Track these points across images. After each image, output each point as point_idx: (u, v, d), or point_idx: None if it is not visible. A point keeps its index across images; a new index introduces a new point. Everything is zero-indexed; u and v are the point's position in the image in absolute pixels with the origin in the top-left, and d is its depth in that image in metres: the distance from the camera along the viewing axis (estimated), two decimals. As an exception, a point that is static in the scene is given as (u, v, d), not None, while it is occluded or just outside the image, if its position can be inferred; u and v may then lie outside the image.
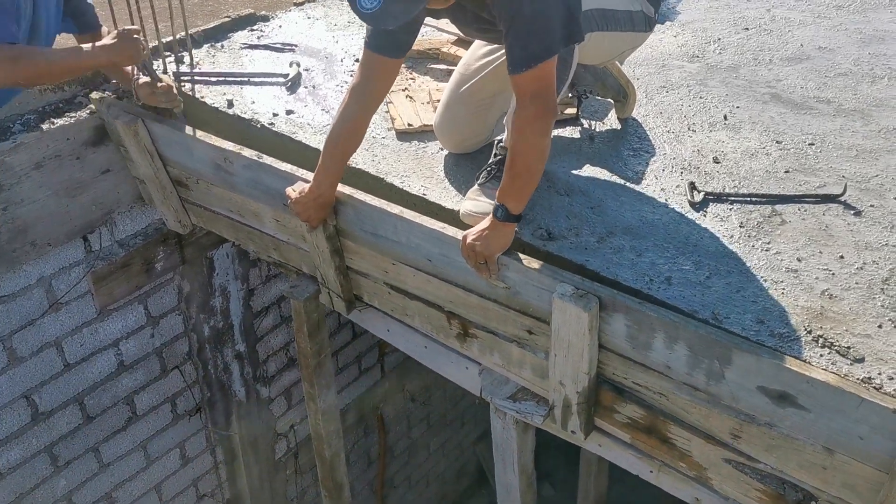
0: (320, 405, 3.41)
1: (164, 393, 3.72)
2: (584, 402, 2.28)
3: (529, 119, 2.07)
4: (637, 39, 2.53)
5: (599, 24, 2.33)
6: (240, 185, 2.81)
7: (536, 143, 2.10)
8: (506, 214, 2.13)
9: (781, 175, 2.58)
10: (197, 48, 3.37)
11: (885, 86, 3.09)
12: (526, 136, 2.09)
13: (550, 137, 2.13)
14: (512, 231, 2.19)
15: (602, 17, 2.34)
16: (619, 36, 2.44)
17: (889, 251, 2.24)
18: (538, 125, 2.07)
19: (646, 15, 2.47)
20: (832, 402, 1.81)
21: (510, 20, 2.01)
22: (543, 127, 2.08)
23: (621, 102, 2.84)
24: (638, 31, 2.48)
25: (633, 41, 2.52)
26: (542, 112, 2.06)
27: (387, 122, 2.89)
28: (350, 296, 2.84)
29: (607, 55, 2.54)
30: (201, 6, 5.91)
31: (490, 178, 2.41)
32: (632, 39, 2.50)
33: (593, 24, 2.31)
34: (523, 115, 2.07)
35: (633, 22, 2.44)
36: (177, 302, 3.58)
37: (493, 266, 2.20)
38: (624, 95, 2.81)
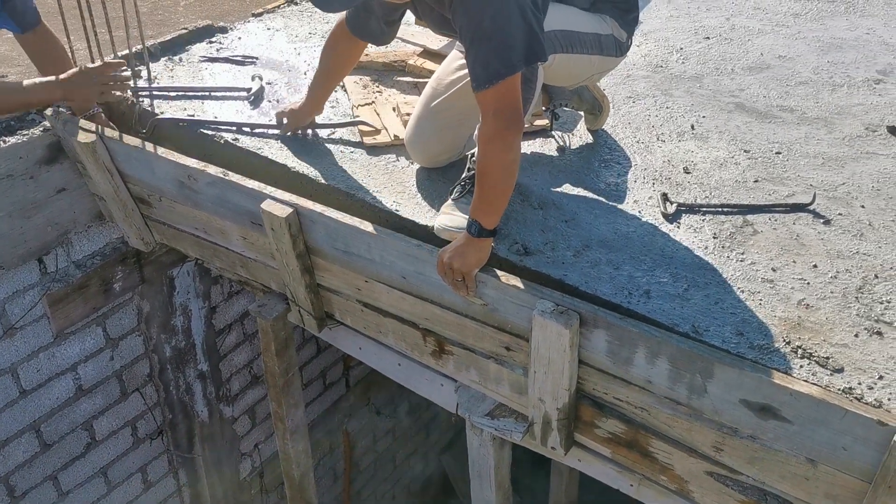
0: (289, 425, 3.34)
1: (124, 417, 3.60)
2: (565, 418, 2.26)
3: (493, 135, 2.04)
4: (606, 63, 2.50)
5: (563, 45, 2.31)
6: (205, 202, 2.73)
7: (501, 158, 2.07)
8: (479, 230, 2.11)
9: (751, 184, 2.60)
10: (154, 61, 3.28)
11: (845, 94, 3.14)
12: (491, 152, 2.06)
13: (518, 152, 2.10)
14: (488, 246, 2.17)
15: (566, 39, 2.32)
16: (586, 59, 2.41)
17: (860, 259, 2.26)
18: (502, 141, 2.04)
19: (616, 39, 2.44)
20: (815, 414, 1.82)
21: (471, 37, 1.98)
22: (508, 143, 2.05)
23: (594, 115, 2.83)
24: (607, 55, 2.45)
25: (602, 65, 2.50)
26: (505, 128, 2.03)
27: (355, 136, 2.84)
28: (321, 313, 2.78)
29: (575, 78, 2.52)
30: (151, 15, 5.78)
31: (464, 193, 2.38)
32: (601, 63, 2.48)
33: (556, 46, 2.28)
34: (487, 132, 2.05)
35: (601, 46, 2.42)
36: (136, 322, 3.48)
37: (471, 283, 2.17)
38: (599, 109, 2.81)
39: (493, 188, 2.10)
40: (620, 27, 2.44)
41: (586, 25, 2.38)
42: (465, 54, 2.04)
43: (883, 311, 2.09)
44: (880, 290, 2.16)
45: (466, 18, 1.99)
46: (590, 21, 2.39)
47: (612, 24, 2.43)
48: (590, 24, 2.39)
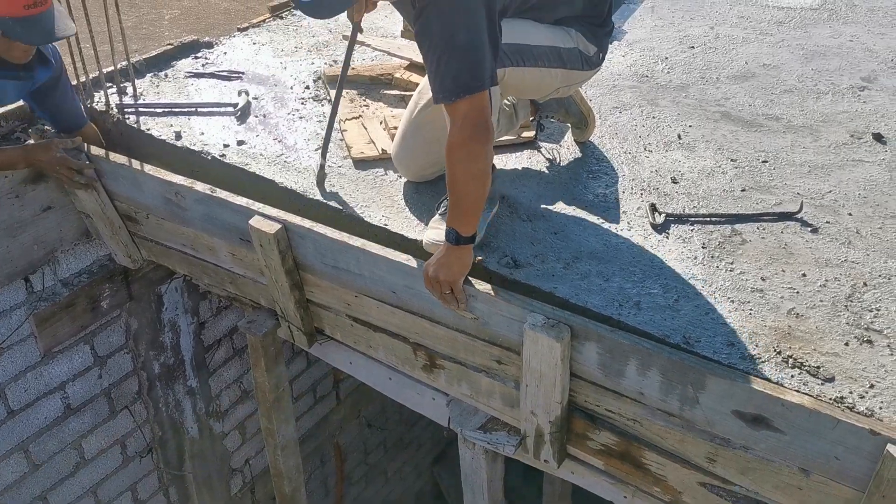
0: (279, 440, 3.32)
1: (113, 435, 3.57)
2: (557, 431, 2.26)
3: (460, 145, 2.03)
4: (573, 77, 2.47)
5: (513, 59, 2.29)
6: (193, 219, 2.72)
7: (469, 168, 2.05)
8: (457, 237, 2.10)
9: (738, 194, 2.61)
10: (139, 78, 3.26)
11: (830, 101, 3.16)
12: (458, 161, 2.04)
13: (487, 161, 2.08)
14: (469, 253, 2.15)
15: (517, 53, 2.30)
16: (546, 72, 2.39)
17: (849, 267, 2.27)
18: (468, 151, 2.03)
19: (582, 53, 2.42)
20: (807, 424, 1.82)
21: (441, 47, 1.96)
22: (475, 152, 2.03)
23: (580, 129, 2.84)
24: (571, 68, 2.42)
25: (567, 78, 2.47)
26: (472, 138, 2.01)
27: (342, 150, 2.83)
28: (311, 329, 2.77)
29: (538, 91, 2.49)
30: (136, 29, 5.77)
31: None
32: (565, 76, 2.45)
33: (506, 60, 2.26)
34: (454, 142, 2.03)
35: (561, 59, 2.39)
36: (125, 340, 3.45)
37: (459, 294, 2.16)
38: (585, 123, 2.81)
39: (466, 197, 2.09)
40: (588, 41, 2.42)
41: (543, 39, 2.35)
42: (427, 62, 2.01)
43: (872, 319, 2.10)
44: (869, 297, 2.17)
45: (438, 27, 1.96)
46: (549, 34, 2.37)
47: (577, 38, 2.40)
48: (548, 38, 2.36)
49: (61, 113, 2.80)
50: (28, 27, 2.31)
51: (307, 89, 3.24)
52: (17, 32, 2.32)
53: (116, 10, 2.91)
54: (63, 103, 2.78)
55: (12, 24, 2.29)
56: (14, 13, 2.28)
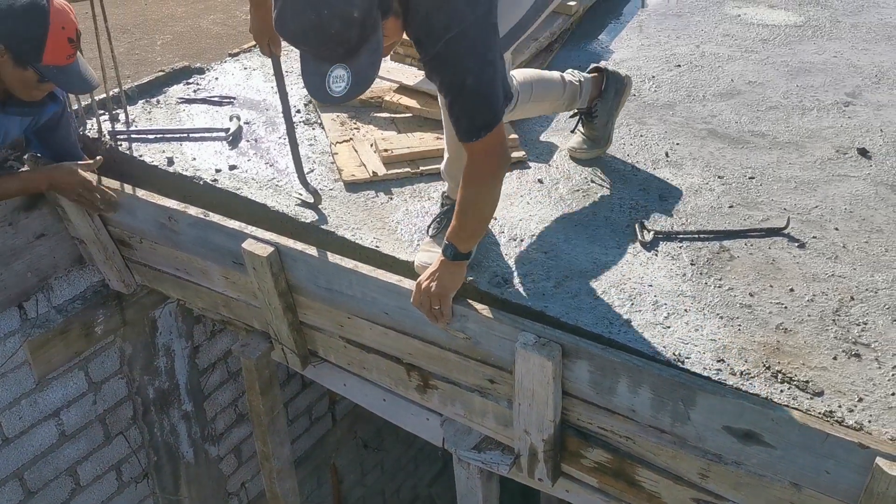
0: (275, 464, 3.32)
1: (108, 461, 3.57)
2: (551, 450, 2.27)
3: (483, 175, 2.07)
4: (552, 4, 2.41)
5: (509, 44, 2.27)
6: (186, 243, 2.73)
7: (490, 193, 2.11)
8: (455, 253, 2.13)
9: (726, 210, 2.63)
10: (131, 104, 3.29)
11: (815, 117, 3.20)
12: (480, 189, 2.09)
13: (501, 185, 2.14)
14: (463, 269, 2.19)
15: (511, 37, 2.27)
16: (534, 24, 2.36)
17: (836, 282, 2.30)
18: (492, 178, 2.09)
19: None
20: (797, 439, 1.84)
21: (454, 93, 1.98)
22: (497, 178, 2.11)
23: (594, 148, 2.87)
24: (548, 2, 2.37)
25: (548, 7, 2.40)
26: (498, 167, 2.08)
27: (333, 173, 2.86)
28: (304, 351, 2.78)
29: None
30: (128, 55, 5.80)
31: (441, 230, 2.41)
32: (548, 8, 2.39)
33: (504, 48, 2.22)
34: (481, 173, 2.07)
35: (538, 7, 2.31)
36: (119, 365, 3.45)
37: (447, 309, 2.17)
38: (602, 144, 2.87)
39: (475, 219, 2.13)
40: None
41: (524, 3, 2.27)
42: (448, 107, 2.02)
43: (860, 332, 2.12)
44: (857, 311, 2.19)
45: (449, 76, 1.97)
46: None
47: None
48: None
49: (61, 150, 2.81)
50: (69, 76, 2.46)
51: (298, 113, 3.26)
52: (61, 81, 2.46)
53: (108, 39, 2.94)
54: (66, 139, 2.80)
55: (56, 72, 2.42)
56: (58, 62, 2.41)
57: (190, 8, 6.60)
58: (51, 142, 2.77)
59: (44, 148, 2.79)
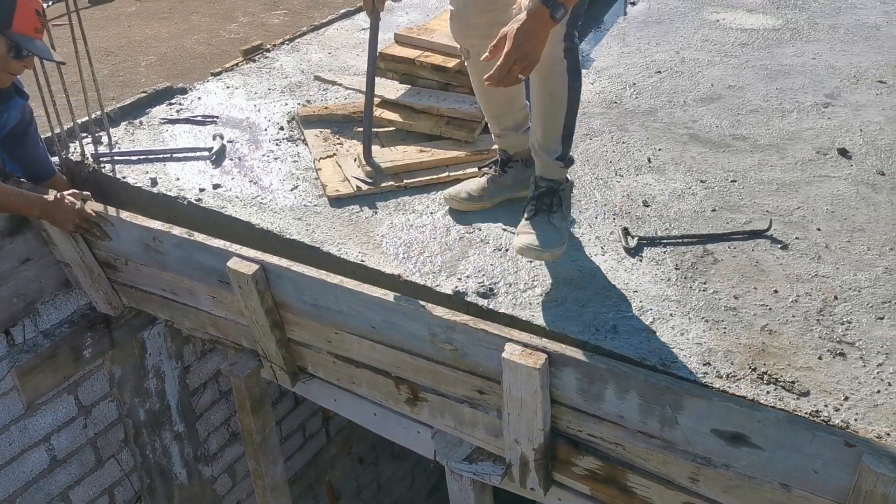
0: (268, 482, 3.31)
1: (100, 484, 3.54)
2: (542, 458, 2.26)
3: None
4: None
5: None
6: (171, 263, 2.73)
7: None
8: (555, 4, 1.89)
9: (709, 214, 2.65)
10: (114, 126, 3.29)
11: (795, 119, 3.22)
12: None
13: None
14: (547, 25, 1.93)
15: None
16: None
17: (819, 282, 2.31)
18: None
19: None
20: (785, 439, 1.84)
21: None
22: None
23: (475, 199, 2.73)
24: None
25: None
26: None
27: (317, 188, 2.86)
28: (293, 368, 2.78)
29: None
30: (112, 77, 5.80)
31: (537, 211, 2.38)
32: None
33: None
34: None
35: None
36: (109, 388, 3.44)
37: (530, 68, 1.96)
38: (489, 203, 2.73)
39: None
40: None
41: None
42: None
43: (844, 331, 2.13)
44: (840, 311, 2.20)
45: None
46: None
47: None
48: None
49: (32, 162, 2.82)
50: (38, 49, 2.55)
51: (281, 130, 3.27)
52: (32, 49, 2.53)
53: (89, 61, 2.95)
54: (35, 151, 2.81)
55: (25, 41, 2.51)
56: (27, 32, 2.51)
57: (173, 28, 6.61)
58: (20, 155, 2.78)
59: (14, 162, 2.80)
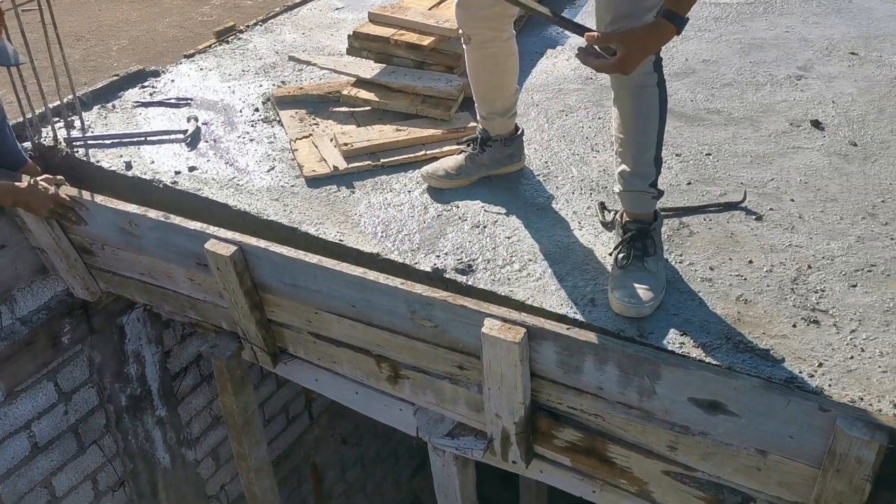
0: (252, 463, 3.31)
1: (83, 471, 3.53)
2: (523, 432, 2.29)
3: None
4: None
5: None
6: (148, 247, 2.72)
7: None
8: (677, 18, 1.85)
9: (684, 187, 2.67)
10: (87, 110, 3.25)
11: (769, 92, 3.25)
12: None
13: None
14: None
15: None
16: None
17: (793, 251, 2.34)
18: None
19: None
20: (760, 406, 1.87)
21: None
22: None
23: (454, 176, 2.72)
24: None
25: None
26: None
27: (294, 169, 2.85)
28: (274, 349, 2.78)
29: None
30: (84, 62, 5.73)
31: (630, 259, 2.21)
32: None
33: None
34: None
35: None
36: (89, 374, 3.42)
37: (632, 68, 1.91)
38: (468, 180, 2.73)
39: None
40: None
41: None
42: None
43: (818, 300, 2.16)
44: (814, 279, 2.23)
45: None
46: None
47: None
48: None
49: (2, 153, 2.78)
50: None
51: (256, 112, 3.25)
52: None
53: (59, 46, 2.91)
54: (4, 139, 2.77)
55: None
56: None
57: (145, 12, 6.53)
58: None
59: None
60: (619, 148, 2.29)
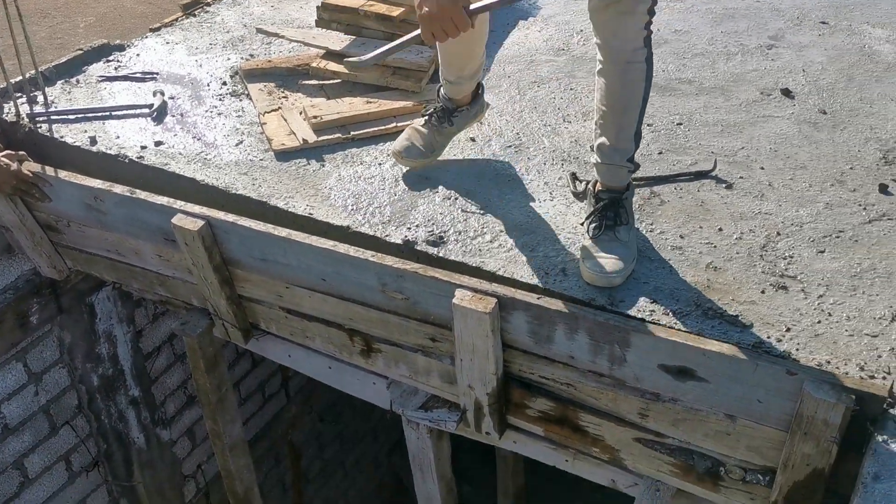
0: (227, 441, 3.30)
1: (56, 452, 3.50)
2: (495, 403, 2.29)
3: None
4: None
5: None
6: (115, 223, 2.68)
7: None
8: None
9: (655, 157, 2.67)
10: (50, 86, 3.18)
11: (740, 61, 3.25)
12: None
13: None
14: None
15: None
16: None
17: (763, 219, 2.35)
18: None
19: None
20: (729, 371, 1.88)
21: None
22: None
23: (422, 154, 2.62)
24: None
25: None
26: None
27: (263, 143, 2.81)
28: (245, 325, 2.76)
29: None
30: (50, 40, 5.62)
31: (602, 229, 2.20)
32: None
33: None
34: None
35: None
36: (59, 354, 3.37)
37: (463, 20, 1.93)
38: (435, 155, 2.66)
39: None
40: None
41: None
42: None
43: (786, 266, 2.18)
44: (783, 246, 2.25)
45: None
46: None
47: None
48: None
49: None
50: None
51: (224, 85, 3.20)
52: None
53: (19, 17, 2.84)
54: None
55: None
56: None
57: (111, -13, 6.42)
58: None
59: None
60: (601, 120, 2.26)
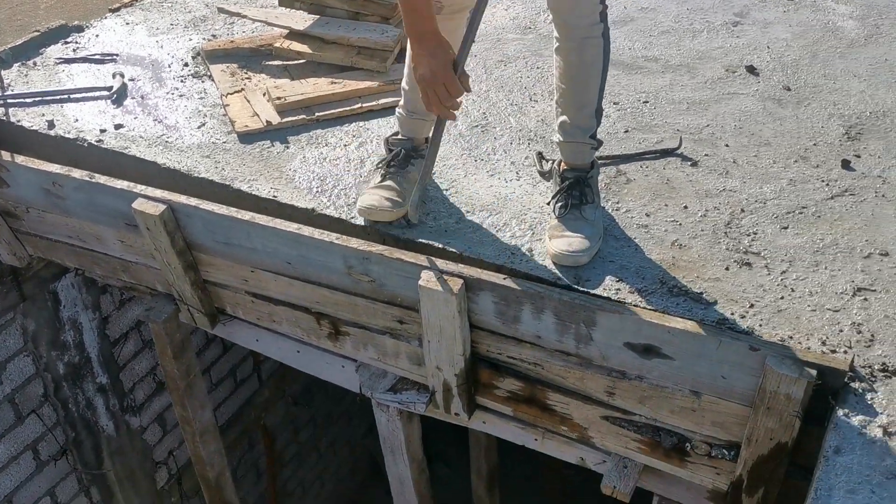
0: (196, 427, 3.27)
1: (22, 441, 3.45)
2: (464, 383, 2.29)
3: None
4: None
5: None
6: (74, 208, 2.63)
7: None
8: None
9: (622, 135, 2.66)
10: (6, 68, 3.11)
11: (705, 39, 3.25)
12: None
13: None
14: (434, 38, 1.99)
15: None
16: None
17: (727, 196, 2.36)
18: None
19: None
20: (693, 348, 1.89)
21: None
22: None
23: None
24: None
25: None
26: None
27: (226, 125, 2.77)
28: (212, 309, 2.73)
29: None
30: (10, 21, 5.49)
31: (568, 208, 2.20)
32: None
33: None
34: None
35: None
36: (23, 342, 3.32)
37: (454, 84, 2.01)
38: None
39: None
40: None
41: None
42: None
43: (750, 242, 2.19)
44: (747, 223, 2.26)
45: None
46: None
47: None
48: None
49: None
50: None
51: (186, 67, 3.15)
52: None
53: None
54: None
55: None
56: None
57: (72, -33, 6.26)
58: None
59: None
60: (561, 98, 2.25)
